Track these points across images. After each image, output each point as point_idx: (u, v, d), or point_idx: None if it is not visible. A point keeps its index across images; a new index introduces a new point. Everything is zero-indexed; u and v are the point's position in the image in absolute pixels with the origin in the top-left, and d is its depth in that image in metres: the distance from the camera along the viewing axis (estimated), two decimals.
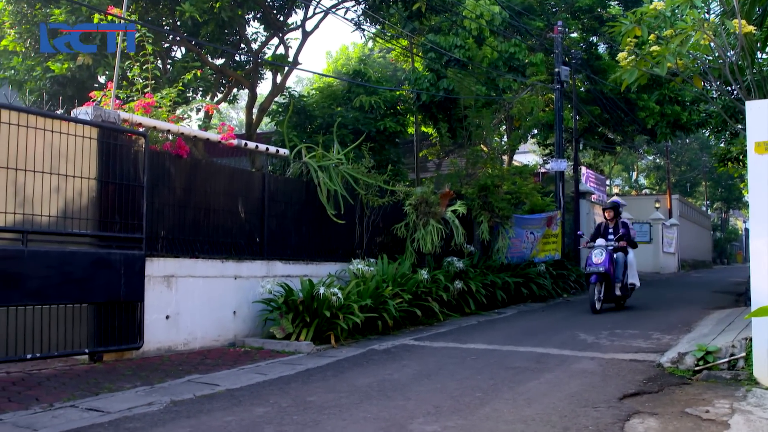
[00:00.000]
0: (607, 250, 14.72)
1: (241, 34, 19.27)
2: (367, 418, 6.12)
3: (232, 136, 11.30)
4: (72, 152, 8.46)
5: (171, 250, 9.97)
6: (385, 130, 19.18)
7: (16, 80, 17.50)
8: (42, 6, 16.57)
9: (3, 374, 7.80)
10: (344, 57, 32.52)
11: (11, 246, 7.77)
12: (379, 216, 14.29)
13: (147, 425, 5.93)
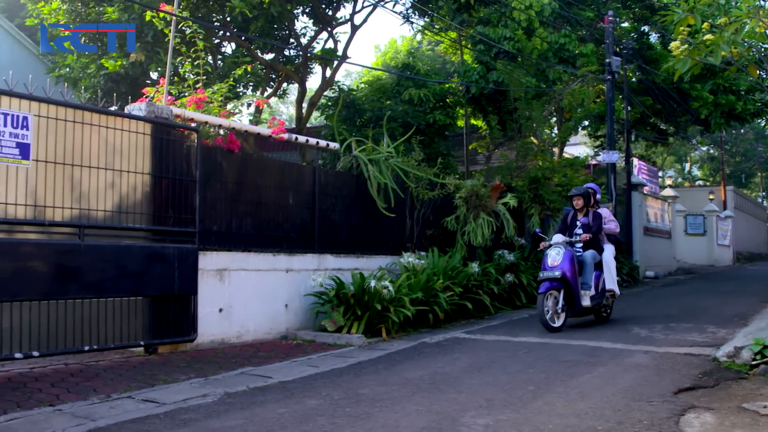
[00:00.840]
0: (568, 249, 11.32)
1: (291, 29, 19.37)
2: (419, 411, 6.12)
3: (282, 130, 11.37)
4: (126, 148, 8.59)
5: (223, 244, 10.07)
6: (434, 123, 19.14)
7: (71, 78, 17.81)
8: (95, 4, 16.82)
9: (62, 365, 7.95)
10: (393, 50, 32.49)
11: (69, 240, 7.92)
12: (430, 209, 14.26)
13: (202, 416, 6.00)
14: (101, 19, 16.67)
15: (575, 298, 11.17)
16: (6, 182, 7.36)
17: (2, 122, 7.32)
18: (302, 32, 20.38)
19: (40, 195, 7.66)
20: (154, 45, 16.37)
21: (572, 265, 11.11)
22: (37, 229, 7.70)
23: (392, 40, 34.36)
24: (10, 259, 7.28)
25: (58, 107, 7.90)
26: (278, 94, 21.97)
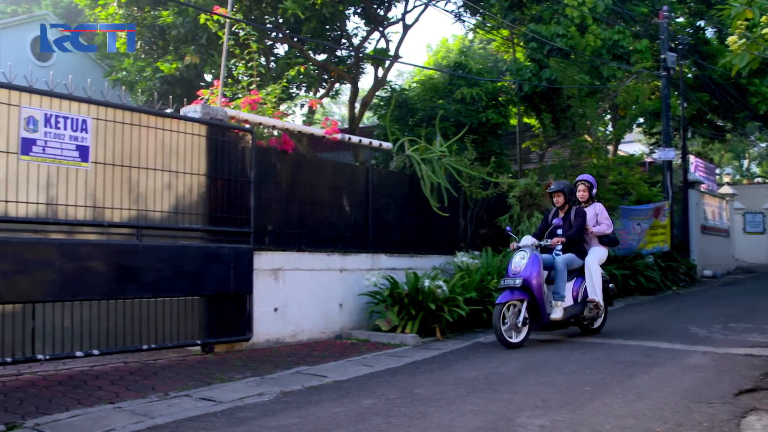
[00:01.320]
0: (535, 254, 9.80)
1: (342, 29, 19.42)
2: (474, 411, 6.09)
3: (335, 130, 11.42)
4: (182, 149, 8.70)
5: (278, 244, 10.15)
6: (487, 121, 19.05)
7: (128, 81, 18.10)
8: (150, 9, 17.06)
9: (120, 364, 8.09)
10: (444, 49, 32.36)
11: (127, 241, 8.05)
12: (483, 208, 14.21)
13: (258, 415, 6.05)
14: (156, 23, 16.90)
15: (540, 309, 9.66)
16: (66, 184, 7.51)
17: (62, 125, 7.47)
18: (354, 32, 20.40)
19: (99, 196, 7.80)
20: (208, 47, 16.55)
21: (538, 271, 9.62)
22: (97, 230, 7.84)
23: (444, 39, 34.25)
24: (70, 259, 7.43)
25: (115, 110, 8.04)
26: (330, 95, 22.06)
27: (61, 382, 7.09)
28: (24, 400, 6.38)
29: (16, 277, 7.03)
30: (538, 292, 9.56)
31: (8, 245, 7.01)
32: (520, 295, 9.50)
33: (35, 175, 7.28)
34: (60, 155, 7.45)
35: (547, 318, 9.75)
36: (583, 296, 10.30)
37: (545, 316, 9.72)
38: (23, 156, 7.18)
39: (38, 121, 7.30)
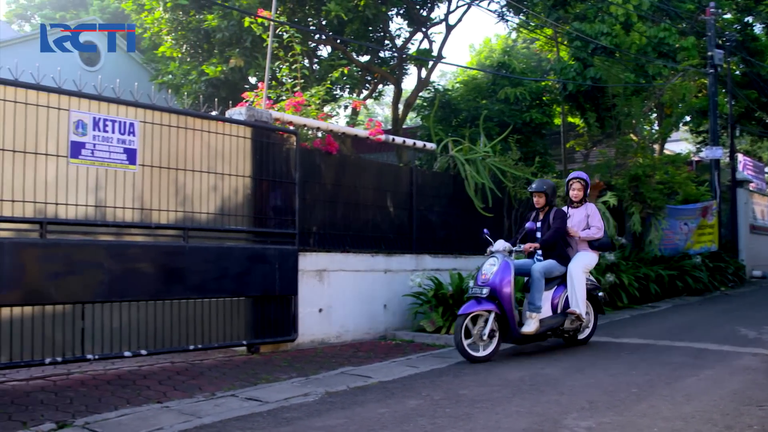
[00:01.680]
0: (507, 260, 8.86)
1: (385, 30, 19.46)
2: (519, 413, 6.06)
3: (379, 131, 11.44)
4: (227, 151, 8.78)
5: (322, 245, 10.19)
6: (531, 121, 18.95)
7: (174, 84, 18.31)
8: (195, 12, 17.24)
9: (168, 364, 8.18)
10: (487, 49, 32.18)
11: (174, 242, 8.15)
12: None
13: (303, 415, 6.07)
14: (201, 26, 17.07)
15: (509, 322, 8.75)
16: (114, 187, 7.62)
17: (110, 129, 7.58)
18: (397, 33, 20.43)
19: (146, 198, 7.90)
20: (252, 50, 16.68)
21: (509, 280, 8.71)
22: (144, 232, 7.95)
23: (487, 39, 34.11)
24: (119, 260, 7.54)
25: (162, 113, 8.14)
26: (374, 96, 22.11)
27: (110, 382, 7.19)
28: (74, 399, 6.48)
29: (66, 278, 7.15)
30: (508, 302, 8.66)
31: (59, 247, 7.13)
32: (487, 305, 8.57)
33: (84, 178, 7.40)
34: (108, 158, 7.56)
35: (516, 331, 8.81)
36: (564, 306, 9.35)
37: (515, 328, 8.79)
38: (73, 159, 7.30)
39: (87, 124, 7.41)
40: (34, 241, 7.00)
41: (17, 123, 6.95)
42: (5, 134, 6.86)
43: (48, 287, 7.04)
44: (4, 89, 6.89)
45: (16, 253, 6.84)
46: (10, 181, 6.86)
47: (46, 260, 7.04)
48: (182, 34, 17.77)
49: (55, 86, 7.22)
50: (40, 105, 7.11)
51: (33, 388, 6.84)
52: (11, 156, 6.89)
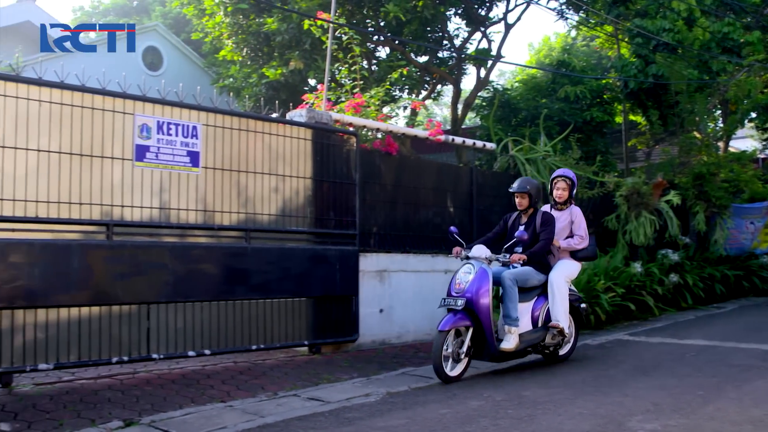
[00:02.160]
0: (484, 267, 7.79)
1: (444, 30, 19.40)
2: (582, 414, 6.00)
3: (439, 132, 11.43)
4: (288, 153, 8.85)
5: (382, 246, 10.22)
6: (591, 120, 18.73)
7: (235, 87, 18.51)
8: (256, 16, 17.41)
9: (231, 363, 8.28)
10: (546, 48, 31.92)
11: (236, 243, 8.25)
12: (589, 208, 13.98)
13: (365, 415, 6.10)
14: (261, 30, 17.23)
15: (486, 337, 7.69)
16: (178, 189, 7.75)
17: (174, 132, 7.71)
18: (455, 33, 20.32)
19: (209, 200, 8.02)
20: (311, 52, 16.78)
21: (486, 290, 7.64)
22: (207, 233, 8.06)
23: (546, 38, 33.81)
24: (183, 262, 7.66)
25: (224, 116, 8.25)
26: (433, 96, 22.07)
27: (175, 381, 7.30)
28: (140, 397, 6.60)
29: (132, 278, 7.29)
30: (486, 315, 7.59)
31: (125, 248, 7.28)
32: (463, 319, 7.55)
33: (149, 181, 7.54)
34: (172, 161, 7.69)
35: (493, 347, 7.71)
36: (546, 319, 8.33)
37: (491, 344, 7.69)
38: (137, 162, 7.44)
39: (151, 128, 7.55)
40: (101, 243, 7.15)
41: (84, 127, 7.11)
42: (73, 139, 7.02)
43: (114, 288, 7.18)
44: (72, 95, 7.05)
45: (84, 255, 6.99)
46: (77, 184, 7.02)
47: (112, 261, 7.18)
48: (243, 37, 17.95)
49: (121, 91, 7.37)
50: (106, 110, 7.27)
51: (101, 386, 6.99)
52: (79, 160, 7.05)
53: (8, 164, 6.62)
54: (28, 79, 6.81)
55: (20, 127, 6.71)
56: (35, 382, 7.03)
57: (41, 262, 6.72)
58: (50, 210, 6.86)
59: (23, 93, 6.75)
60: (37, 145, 6.80)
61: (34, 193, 6.76)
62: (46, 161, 6.86)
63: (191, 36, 22.26)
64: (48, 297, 6.76)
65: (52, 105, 6.92)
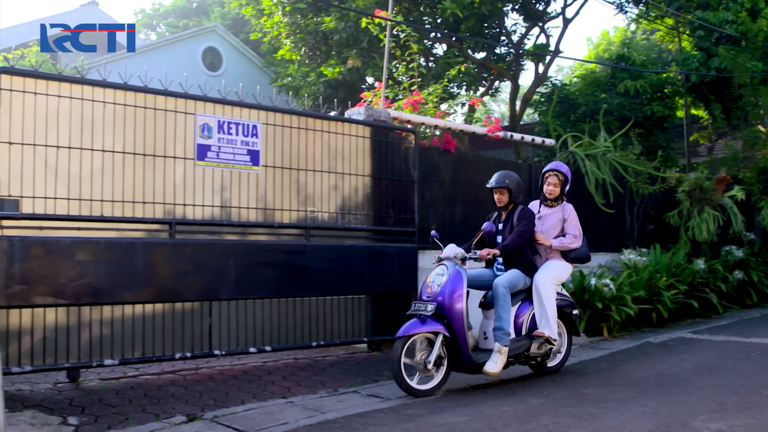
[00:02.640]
0: (458, 269, 7.18)
1: (501, 26, 19.31)
2: (645, 413, 5.93)
3: (498, 128, 11.39)
4: (347, 151, 8.89)
5: (442, 243, 10.17)
6: (652, 114, 18.45)
7: (293, 86, 18.66)
8: (313, 15, 17.53)
9: (291, 360, 8.35)
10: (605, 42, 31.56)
11: (296, 241, 8.32)
12: (650, 204, 13.83)
13: (425, 412, 6.11)
14: (319, 29, 17.34)
15: (460, 347, 6.93)
16: (239, 187, 7.84)
17: (234, 131, 7.80)
18: (513, 29, 20.22)
19: (269, 199, 8.09)
20: (369, 50, 16.84)
21: (460, 294, 6.96)
22: (267, 231, 8.14)
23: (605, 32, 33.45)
24: (244, 259, 7.75)
25: (283, 115, 8.32)
26: (490, 93, 21.98)
27: (237, 377, 7.39)
28: (203, 393, 6.70)
29: (194, 276, 7.40)
30: (459, 321, 6.88)
31: (187, 246, 7.38)
32: (433, 325, 6.83)
33: (210, 180, 7.64)
34: (232, 160, 7.78)
35: (468, 357, 6.95)
36: (531, 327, 7.49)
37: (467, 355, 6.95)
38: (199, 161, 7.54)
39: (212, 127, 7.65)
40: (164, 241, 7.27)
41: (147, 128, 7.23)
42: (136, 139, 7.15)
43: (177, 285, 7.30)
44: (135, 96, 7.18)
45: (147, 253, 7.11)
46: (141, 184, 7.15)
47: (175, 259, 7.29)
48: (301, 36, 18.09)
49: (182, 92, 7.48)
50: (168, 110, 7.38)
51: (164, 381, 7.11)
52: (142, 159, 7.18)
53: (74, 165, 6.77)
54: (93, 81, 6.95)
55: (86, 128, 6.85)
56: (101, 377, 7.18)
57: (106, 259, 6.85)
58: (115, 209, 7.00)
59: (88, 95, 6.89)
60: (102, 146, 6.94)
61: (99, 192, 6.90)
62: (111, 161, 6.99)
63: (250, 36, 22.51)
64: (113, 294, 6.90)
65: (116, 106, 7.05)
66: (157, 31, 33.27)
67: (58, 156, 6.67)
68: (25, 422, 5.60)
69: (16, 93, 6.45)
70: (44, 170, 6.60)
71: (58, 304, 6.59)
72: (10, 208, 6.42)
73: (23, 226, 6.48)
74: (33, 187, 6.52)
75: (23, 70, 6.59)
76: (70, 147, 6.75)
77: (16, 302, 6.34)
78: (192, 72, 15.70)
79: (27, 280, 6.39)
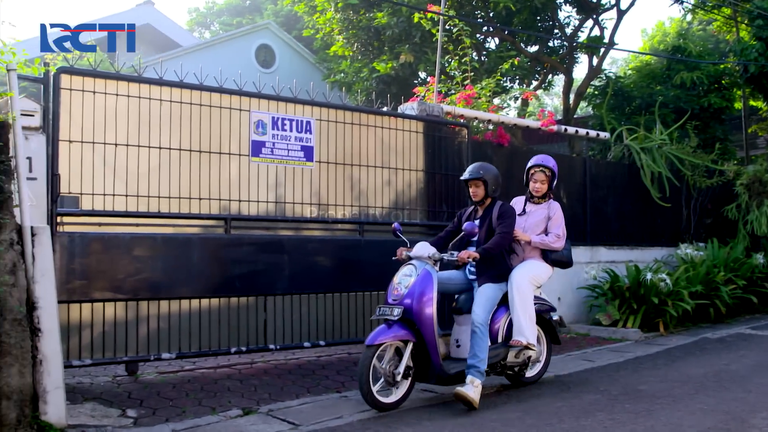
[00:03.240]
0: (428, 270, 6.35)
1: (554, 19, 19.13)
2: (703, 410, 5.85)
3: (552, 122, 11.32)
4: (400, 146, 8.91)
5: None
6: (709, 106, 18.14)
7: (346, 82, 18.73)
8: (366, 11, 17.56)
9: (345, 354, 8.42)
10: (660, 33, 31.10)
11: (349, 236, 8.37)
12: (707, 197, 13.61)
13: (480, 407, 6.06)
14: (372, 24, 17.37)
15: (431, 355, 6.18)
16: (293, 183, 7.90)
17: (288, 127, 7.86)
18: (566, 22, 20.00)
19: (323, 194, 8.15)
20: (421, 45, 16.82)
21: (430, 297, 6.19)
22: (321, 227, 8.20)
23: (660, 23, 32.96)
24: (298, 254, 7.82)
25: (336, 110, 8.36)
26: (543, 86, 21.80)
27: (291, 371, 7.47)
28: (258, 387, 6.78)
29: (249, 271, 7.48)
30: (429, 327, 6.14)
31: (242, 242, 7.47)
32: (400, 331, 6.08)
33: (264, 176, 7.71)
34: (286, 156, 7.85)
35: (438, 367, 6.21)
36: (507, 334, 6.77)
37: (438, 364, 6.20)
38: (253, 158, 7.62)
39: (266, 124, 7.72)
40: (220, 237, 7.37)
41: (202, 125, 7.32)
42: (192, 136, 7.25)
43: (232, 280, 7.39)
44: (191, 93, 7.28)
45: (203, 248, 7.22)
46: (197, 180, 7.24)
47: (230, 254, 7.39)
48: (353, 32, 18.14)
49: (237, 89, 7.56)
50: (223, 107, 7.47)
51: (220, 375, 7.20)
52: (198, 156, 7.27)
53: (132, 162, 6.88)
54: (150, 80, 7.06)
55: (143, 125, 6.96)
56: (159, 370, 7.31)
57: (163, 255, 6.97)
58: (171, 205, 7.10)
59: (145, 93, 7.00)
60: (159, 143, 7.05)
61: (156, 189, 7.01)
62: (168, 158, 7.10)
63: (302, 33, 22.62)
64: (170, 289, 7.01)
65: (172, 104, 7.16)
66: (211, 29, 33.58)
67: (116, 153, 6.80)
68: (85, 414, 5.72)
69: (76, 92, 6.58)
70: (103, 168, 6.72)
71: (116, 299, 6.72)
72: (71, 205, 6.55)
73: (83, 222, 6.62)
74: (92, 184, 6.65)
75: (82, 69, 6.71)
76: (128, 144, 6.87)
77: (77, 297, 6.48)
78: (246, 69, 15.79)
79: (87, 275, 6.52)
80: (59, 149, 6.43)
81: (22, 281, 5.13)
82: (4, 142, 5.20)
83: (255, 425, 5.56)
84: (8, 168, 5.19)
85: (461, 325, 6.78)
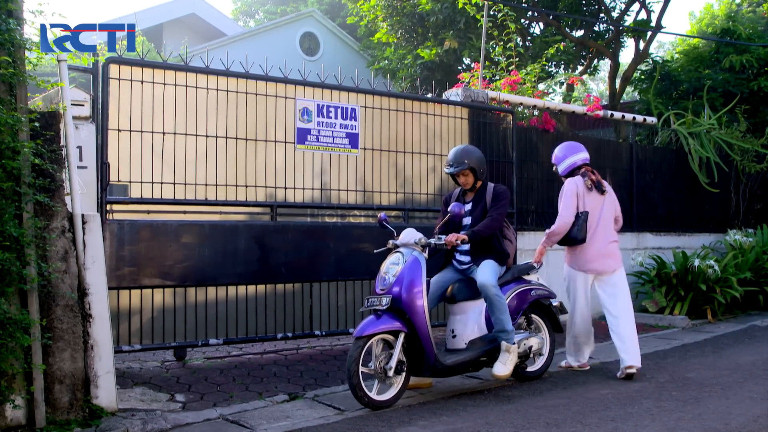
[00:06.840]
0: (416, 256, 5.98)
1: (600, 2, 18.91)
2: (753, 398, 5.79)
3: (598, 107, 11.23)
4: (445, 132, 8.90)
5: (540, 224, 10.11)
6: (759, 90, 17.81)
7: (390, 69, 18.72)
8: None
9: None
10: (709, 16, 30.55)
11: (395, 223, 8.35)
12: (757, 183, 13.41)
13: (525, 394, 6.10)
14: (416, 11, 17.33)
15: (424, 346, 5.85)
16: (338, 170, 7.94)
17: (333, 114, 7.90)
18: (612, 5, 19.75)
19: (368, 181, 8.18)
20: (466, 31, 16.75)
21: (419, 286, 5.85)
22: (366, 213, 8.23)
23: (708, 5, 32.39)
24: (343, 241, 7.87)
25: (381, 97, 8.38)
26: (589, 71, 21.59)
27: (336, 357, 7.52)
28: (304, 372, 6.85)
29: (294, 258, 7.54)
30: (421, 316, 5.82)
31: (288, 229, 7.53)
32: (390, 322, 5.74)
33: (310, 163, 7.76)
34: (331, 143, 7.89)
35: (433, 358, 5.86)
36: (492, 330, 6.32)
37: (432, 355, 5.86)
38: (299, 145, 7.67)
39: (311, 111, 7.76)
40: (266, 224, 7.43)
41: (248, 113, 7.38)
42: (238, 124, 7.31)
43: (279, 267, 7.45)
44: (237, 81, 7.34)
45: (250, 235, 7.29)
46: (243, 168, 7.31)
47: (276, 241, 7.45)
48: (397, 19, 18.11)
49: (282, 77, 7.60)
50: (269, 95, 7.52)
51: (266, 361, 7.29)
52: (244, 144, 7.34)
53: (179, 150, 6.97)
54: (196, 69, 7.13)
55: (190, 114, 7.04)
56: (206, 356, 7.41)
57: (211, 242, 7.05)
58: (218, 193, 7.19)
59: (192, 82, 7.07)
60: (206, 131, 7.12)
61: (203, 176, 7.09)
62: (214, 146, 7.18)
63: (346, 20, 22.64)
64: (217, 276, 7.10)
65: (219, 92, 7.22)
66: (255, 18, 33.71)
67: (164, 142, 6.88)
68: (135, 398, 5.83)
69: (124, 81, 6.67)
70: (151, 156, 6.81)
71: (165, 286, 6.83)
72: (120, 193, 6.66)
73: (132, 210, 6.73)
74: (141, 172, 6.75)
75: (130, 59, 6.80)
76: (175, 133, 6.95)
77: (126, 283, 6.59)
78: (290, 57, 15.87)
79: (136, 262, 6.63)
80: (108, 138, 6.53)
81: (74, 268, 5.22)
82: (55, 131, 5.29)
83: (301, 410, 5.62)
84: (60, 157, 5.28)
85: (456, 315, 6.51)
